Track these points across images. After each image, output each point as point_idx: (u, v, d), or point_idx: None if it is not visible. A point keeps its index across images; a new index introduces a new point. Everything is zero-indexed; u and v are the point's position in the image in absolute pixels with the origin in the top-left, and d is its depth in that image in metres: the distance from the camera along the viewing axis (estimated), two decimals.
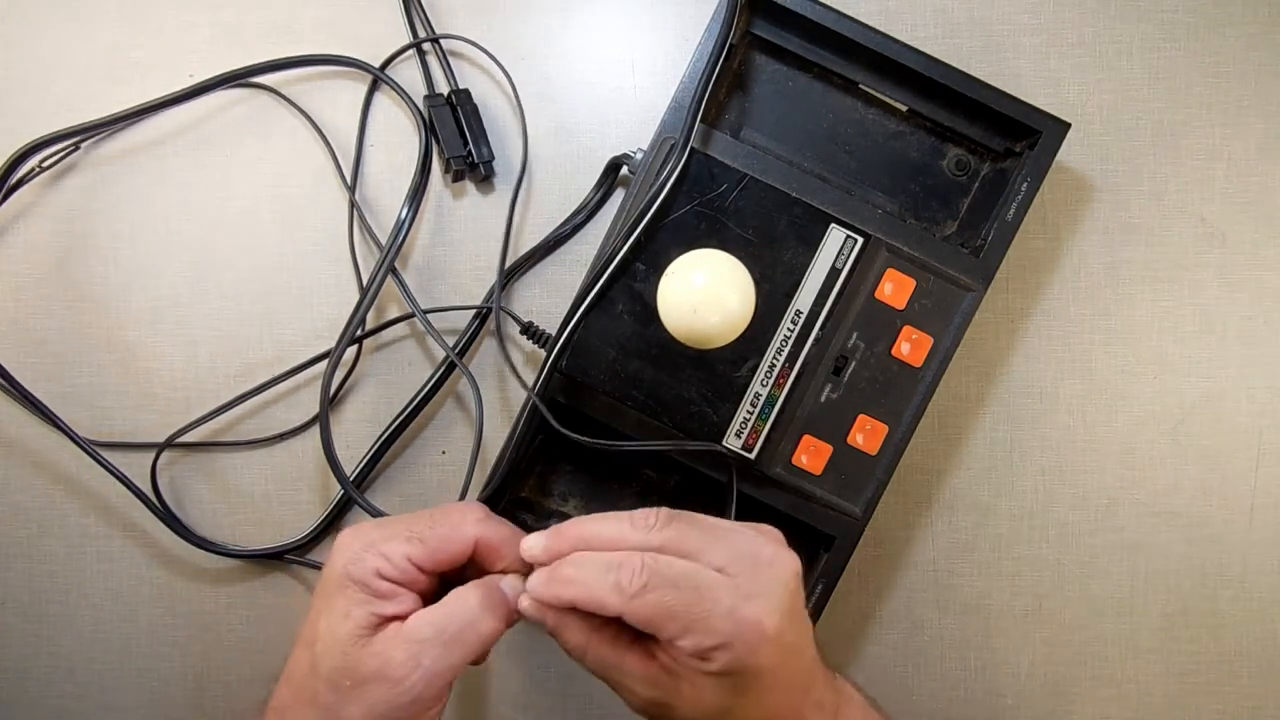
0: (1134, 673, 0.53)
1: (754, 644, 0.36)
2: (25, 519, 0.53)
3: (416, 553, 0.39)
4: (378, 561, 0.38)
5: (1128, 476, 0.53)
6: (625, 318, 0.47)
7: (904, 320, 0.47)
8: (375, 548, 0.39)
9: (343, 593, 0.38)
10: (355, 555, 0.39)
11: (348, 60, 0.52)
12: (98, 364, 0.53)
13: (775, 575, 0.38)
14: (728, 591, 0.36)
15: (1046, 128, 0.47)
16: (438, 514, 0.41)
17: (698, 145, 0.46)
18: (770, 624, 0.36)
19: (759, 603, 0.36)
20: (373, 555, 0.39)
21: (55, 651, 0.53)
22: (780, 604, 0.37)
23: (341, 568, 0.39)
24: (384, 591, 0.38)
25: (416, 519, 0.40)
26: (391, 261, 0.50)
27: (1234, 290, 0.52)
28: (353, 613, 0.38)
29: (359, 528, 0.40)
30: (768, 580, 0.37)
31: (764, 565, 0.38)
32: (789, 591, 0.38)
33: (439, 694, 0.39)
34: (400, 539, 0.39)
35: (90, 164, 0.53)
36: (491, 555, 0.41)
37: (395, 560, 0.39)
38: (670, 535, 0.38)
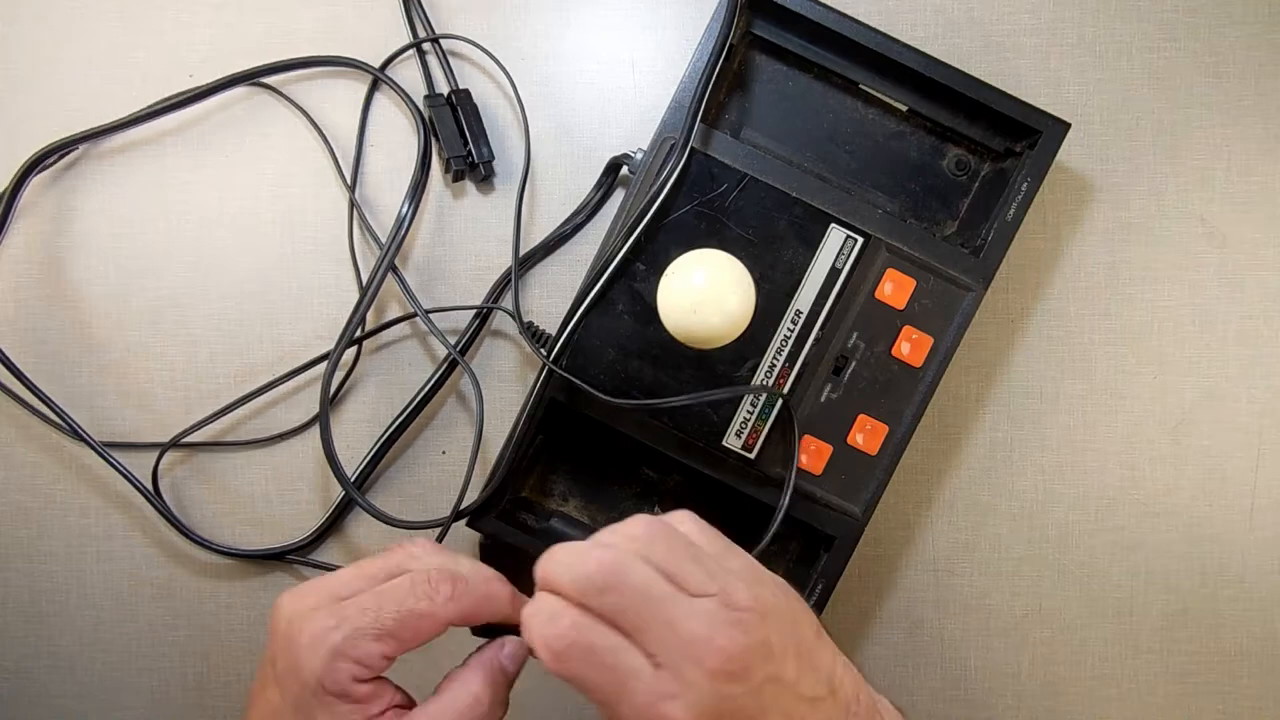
0: (1134, 673, 0.53)
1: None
2: (25, 519, 0.53)
3: (390, 648, 0.36)
4: (353, 668, 0.35)
5: (1128, 476, 0.53)
6: (625, 318, 0.47)
7: (904, 320, 0.47)
8: (346, 653, 0.35)
9: (326, 709, 0.35)
10: (326, 667, 0.35)
11: (348, 61, 0.52)
12: (98, 364, 0.53)
13: (704, 672, 0.33)
14: (647, 684, 0.33)
15: (1046, 128, 0.47)
16: (398, 593, 0.37)
17: (698, 145, 0.46)
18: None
19: (676, 703, 0.33)
20: (345, 664, 0.35)
21: (55, 651, 0.53)
22: (701, 705, 0.33)
23: (314, 682, 0.35)
24: (366, 695, 0.36)
25: (378, 598, 0.36)
26: (392, 259, 0.50)
27: (1234, 290, 0.52)
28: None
29: (310, 620, 0.36)
30: (695, 678, 0.33)
31: (696, 656, 0.33)
32: (716, 693, 0.33)
33: None
34: (369, 638, 0.35)
35: (90, 164, 0.53)
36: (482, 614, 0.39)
37: (371, 662, 0.35)
38: (611, 603, 0.34)
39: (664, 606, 0.33)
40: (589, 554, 0.34)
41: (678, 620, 0.33)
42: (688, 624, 0.33)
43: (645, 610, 0.33)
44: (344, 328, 0.49)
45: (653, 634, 0.33)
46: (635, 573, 0.34)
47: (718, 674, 0.33)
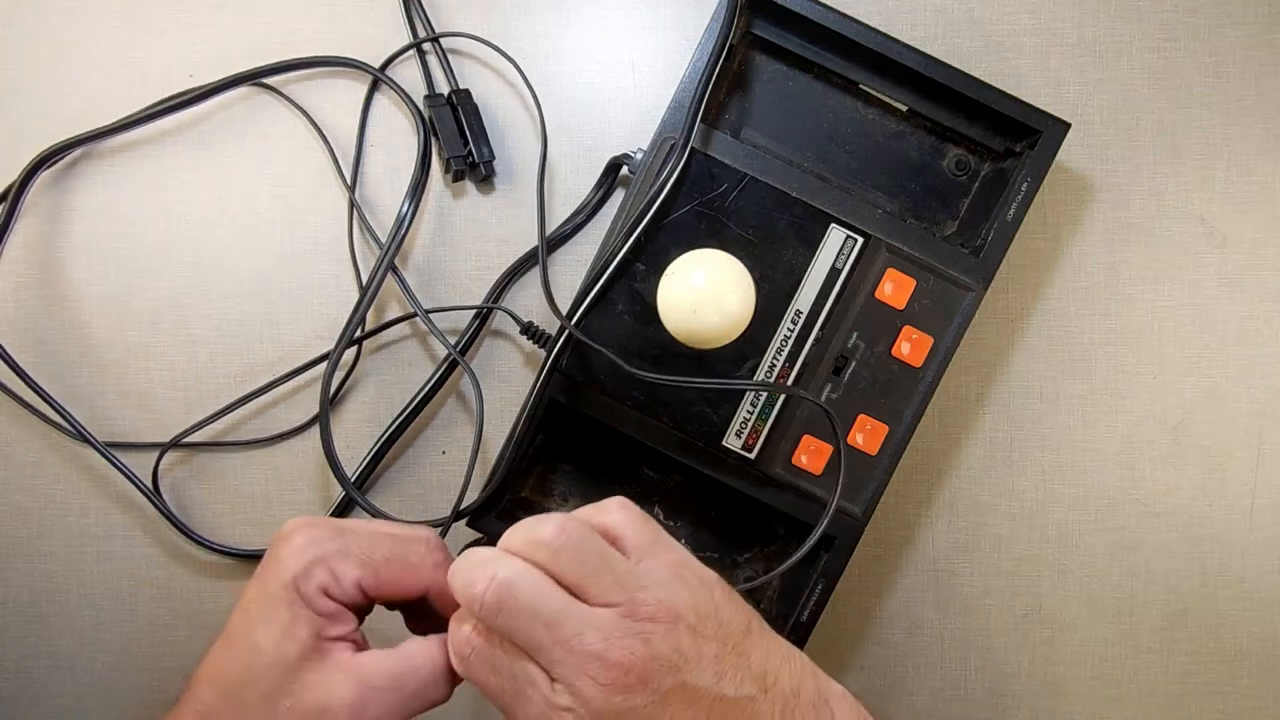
0: (1134, 673, 0.53)
1: None
2: (25, 519, 0.53)
3: (368, 580, 0.37)
4: (327, 579, 0.36)
5: (1128, 476, 0.53)
6: (625, 318, 0.47)
7: (904, 320, 0.47)
8: (327, 563, 0.36)
9: (288, 606, 0.36)
10: (305, 567, 0.36)
11: (348, 61, 0.52)
12: (98, 364, 0.53)
13: (599, 686, 0.33)
14: (543, 695, 0.34)
15: (1046, 128, 0.47)
16: (399, 542, 0.38)
17: (698, 145, 0.46)
18: None
19: (567, 718, 0.33)
20: (322, 570, 0.36)
21: (55, 651, 0.53)
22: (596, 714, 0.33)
23: (288, 576, 0.36)
24: (329, 611, 0.36)
25: (376, 539, 0.38)
26: (392, 259, 0.50)
27: (1234, 290, 0.52)
28: (297, 632, 0.36)
29: (311, 529, 0.37)
30: (590, 692, 0.33)
31: (591, 674, 0.33)
32: (613, 703, 0.33)
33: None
34: (354, 560, 0.37)
35: (90, 164, 0.53)
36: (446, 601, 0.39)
37: (345, 582, 0.36)
38: (503, 624, 0.34)
39: (558, 624, 0.33)
40: (478, 572, 0.34)
41: (571, 637, 0.33)
42: (582, 639, 0.33)
43: (537, 629, 0.34)
44: (344, 328, 0.49)
45: (546, 652, 0.34)
46: (525, 593, 0.34)
47: (613, 687, 0.33)
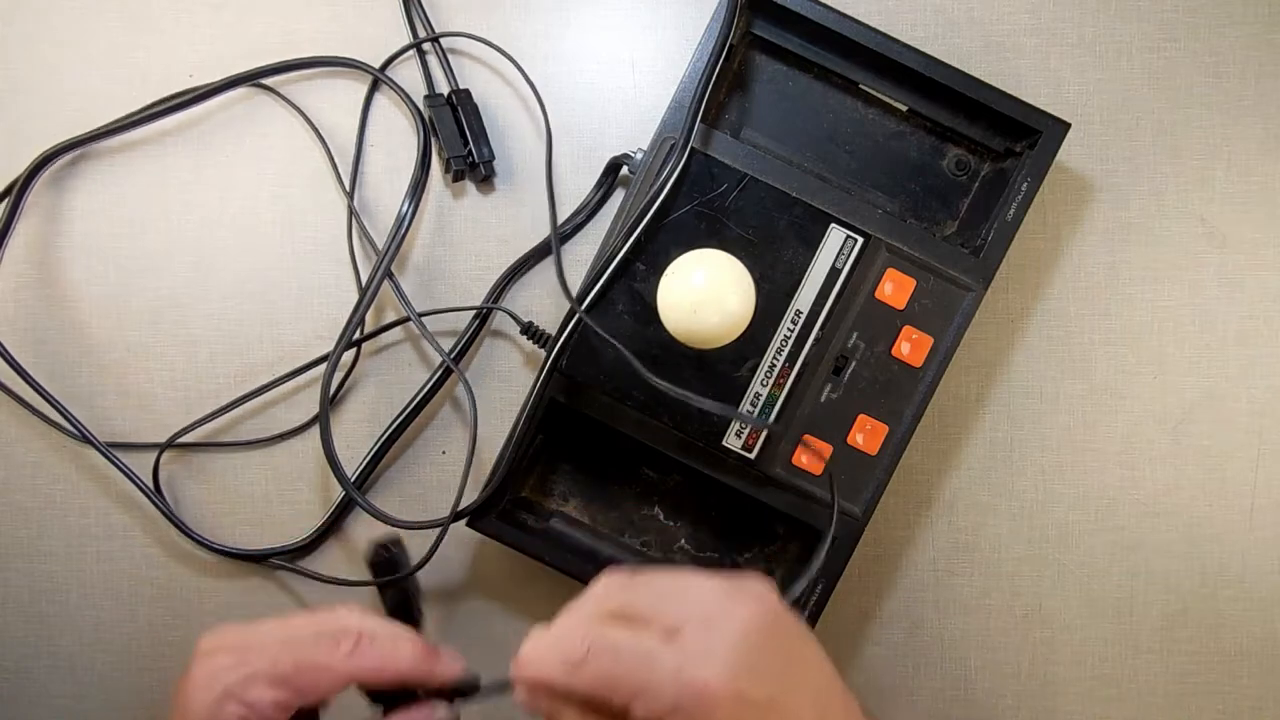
0: (1134, 673, 0.53)
1: (705, 707, 0.33)
2: (25, 519, 0.53)
3: (285, 697, 0.35)
4: (241, 711, 0.34)
5: (1128, 476, 0.53)
6: (625, 318, 0.47)
7: (904, 320, 0.47)
8: (235, 696, 0.34)
9: None
10: (214, 708, 0.34)
11: (348, 61, 0.52)
12: (98, 364, 0.53)
13: (729, 631, 0.34)
14: (673, 654, 0.34)
15: (1046, 128, 0.47)
16: (304, 647, 0.36)
17: (698, 145, 0.46)
18: (719, 684, 0.33)
19: (706, 663, 0.33)
20: (233, 705, 0.34)
21: (55, 651, 0.53)
22: (733, 662, 0.33)
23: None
24: None
25: (280, 649, 0.36)
26: (391, 260, 0.50)
27: (1234, 290, 0.52)
28: None
29: (212, 661, 0.35)
30: (719, 638, 0.34)
31: (716, 622, 0.34)
32: (747, 648, 0.34)
33: None
34: (263, 680, 0.35)
35: (90, 164, 0.53)
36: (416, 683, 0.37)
37: (261, 708, 0.34)
38: (621, 602, 0.35)
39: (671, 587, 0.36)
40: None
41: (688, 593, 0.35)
42: (697, 594, 0.35)
43: (656, 596, 0.35)
44: (343, 330, 0.49)
45: (668, 611, 0.35)
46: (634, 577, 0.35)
47: (735, 632, 0.34)
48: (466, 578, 0.53)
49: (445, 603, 0.53)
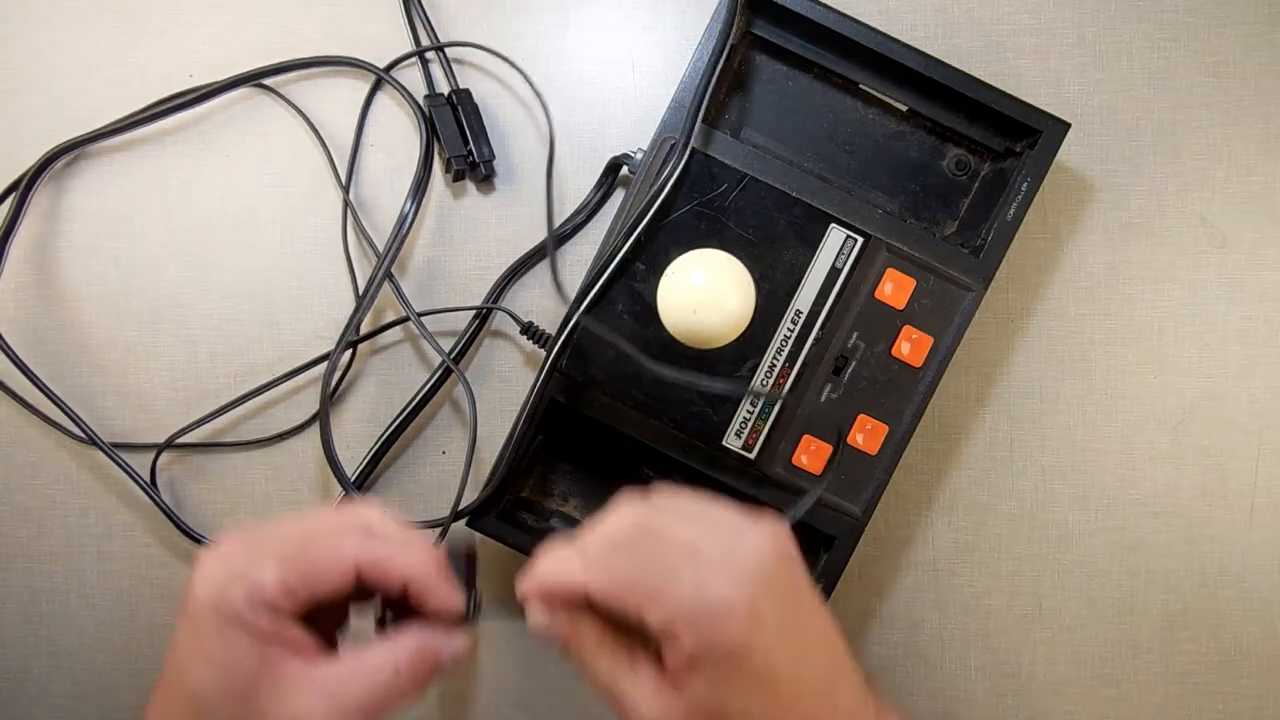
0: (1134, 673, 0.53)
1: (720, 620, 0.33)
2: (25, 519, 0.53)
3: (291, 578, 0.34)
4: (247, 590, 0.33)
5: (1128, 476, 0.53)
6: (625, 318, 0.47)
7: (904, 320, 0.47)
8: (242, 576, 0.33)
9: (219, 636, 0.33)
10: (220, 587, 0.33)
11: (351, 60, 0.52)
12: (98, 364, 0.53)
13: (749, 552, 0.34)
14: (693, 565, 0.33)
15: (1046, 128, 0.47)
16: (311, 535, 0.35)
17: (698, 145, 0.46)
18: (737, 598, 0.33)
19: (724, 577, 0.33)
20: (239, 584, 0.33)
21: (55, 651, 0.53)
22: (751, 580, 0.33)
23: (207, 602, 0.33)
24: (264, 630, 0.33)
25: (288, 536, 0.35)
26: (392, 261, 0.50)
27: (1234, 290, 0.52)
28: (238, 660, 0.33)
29: (219, 548, 0.35)
30: (740, 557, 0.34)
31: (738, 542, 0.34)
32: (765, 571, 0.34)
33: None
34: (269, 561, 0.34)
35: (90, 164, 0.53)
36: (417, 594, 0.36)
37: (268, 590, 0.33)
38: (639, 516, 0.35)
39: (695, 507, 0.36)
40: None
41: (711, 514, 0.35)
42: (720, 517, 0.35)
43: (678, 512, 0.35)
44: (343, 330, 0.50)
45: (688, 526, 0.34)
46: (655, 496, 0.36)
47: (755, 553, 0.34)
48: None
49: None
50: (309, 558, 0.34)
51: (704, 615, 0.33)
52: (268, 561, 0.34)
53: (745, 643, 0.33)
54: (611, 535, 0.35)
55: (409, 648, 0.36)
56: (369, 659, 0.35)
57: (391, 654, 0.35)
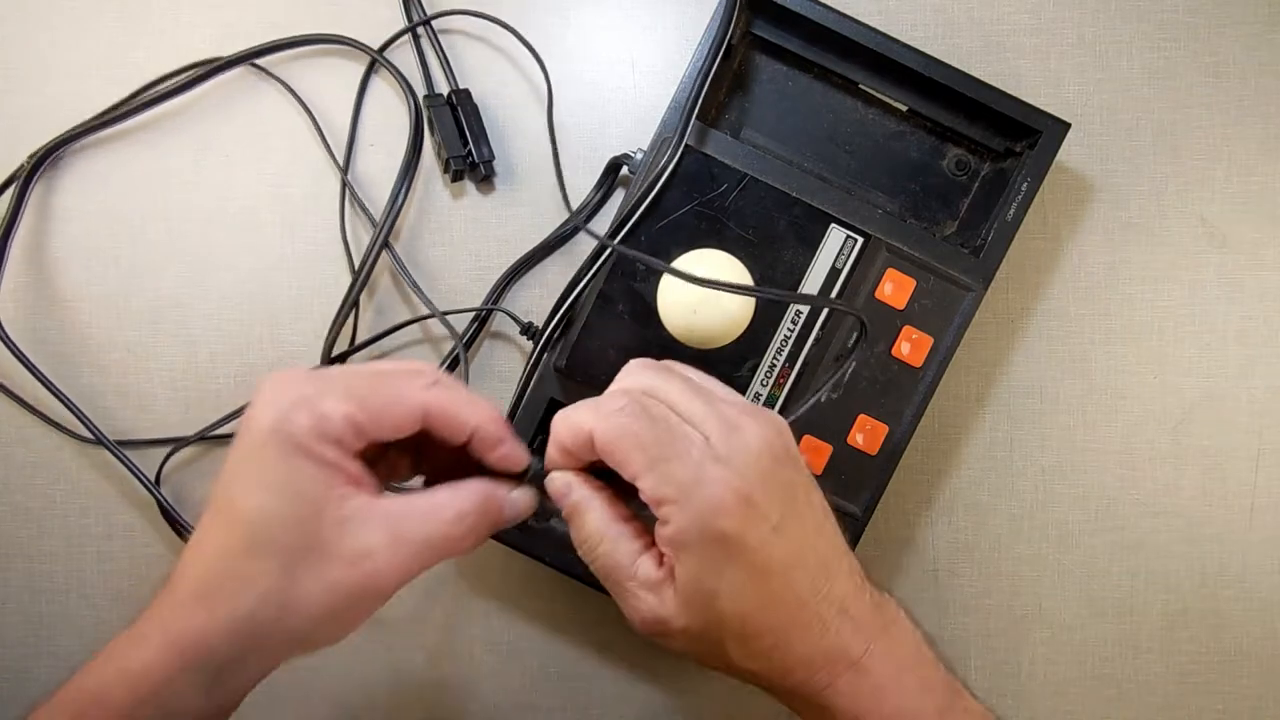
0: (1134, 673, 0.53)
1: (714, 505, 0.33)
2: (25, 519, 0.53)
3: (357, 414, 0.33)
4: (314, 421, 0.32)
5: (1128, 476, 0.53)
6: (625, 318, 0.47)
7: (904, 320, 0.47)
8: (308, 404, 0.32)
9: (284, 461, 0.32)
10: (285, 412, 0.32)
11: (344, 40, 0.52)
12: (98, 364, 0.53)
13: (749, 442, 0.34)
14: (699, 448, 0.33)
15: (1046, 128, 0.47)
16: (379, 375, 0.35)
17: (699, 146, 0.46)
18: (731, 483, 0.33)
19: (725, 466, 0.33)
20: (306, 413, 0.32)
21: (55, 651, 0.53)
22: (748, 471, 0.33)
23: (271, 426, 0.32)
24: (331, 460, 0.32)
25: (356, 374, 0.34)
26: (387, 233, 0.50)
27: (1234, 290, 0.52)
28: (303, 487, 0.32)
29: (285, 376, 0.33)
30: (739, 444, 0.34)
31: (739, 430, 0.34)
32: (763, 463, 0.34)
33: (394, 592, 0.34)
34: (337, 397, 0.32)
35: (90, 164, 0.53)
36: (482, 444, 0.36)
37: (334, 421, 0.32)
38: (658, 381, 0.36)
39: (710, 392, 0.36)
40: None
41: (722, 403, 0.35)
42: (728, 407, 0.35)
43: (694, 393, 0.35)
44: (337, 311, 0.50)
45: (698, 409, 0.35)
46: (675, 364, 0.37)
47: (753, 449, 0.34)
48: (466, 578, 0.53)
49: (445, 603, 0.53)
50: (378, 396, 0.33)
51: (696, 501, 0.33)
52: (336, 394, 0.33)
53: (738, 532, 0.33)
54: (624, 390, 0.36)
55: (474, 492, 0.35)
56: (434, 498, 0.34)
57: (455, 497, 0.35)
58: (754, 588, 0.33)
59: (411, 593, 0.53)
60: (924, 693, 0.35)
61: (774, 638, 0.34)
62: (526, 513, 0.37)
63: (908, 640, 0.36)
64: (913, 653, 0.36)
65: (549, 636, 0.53)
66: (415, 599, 0.53)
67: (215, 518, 0.33)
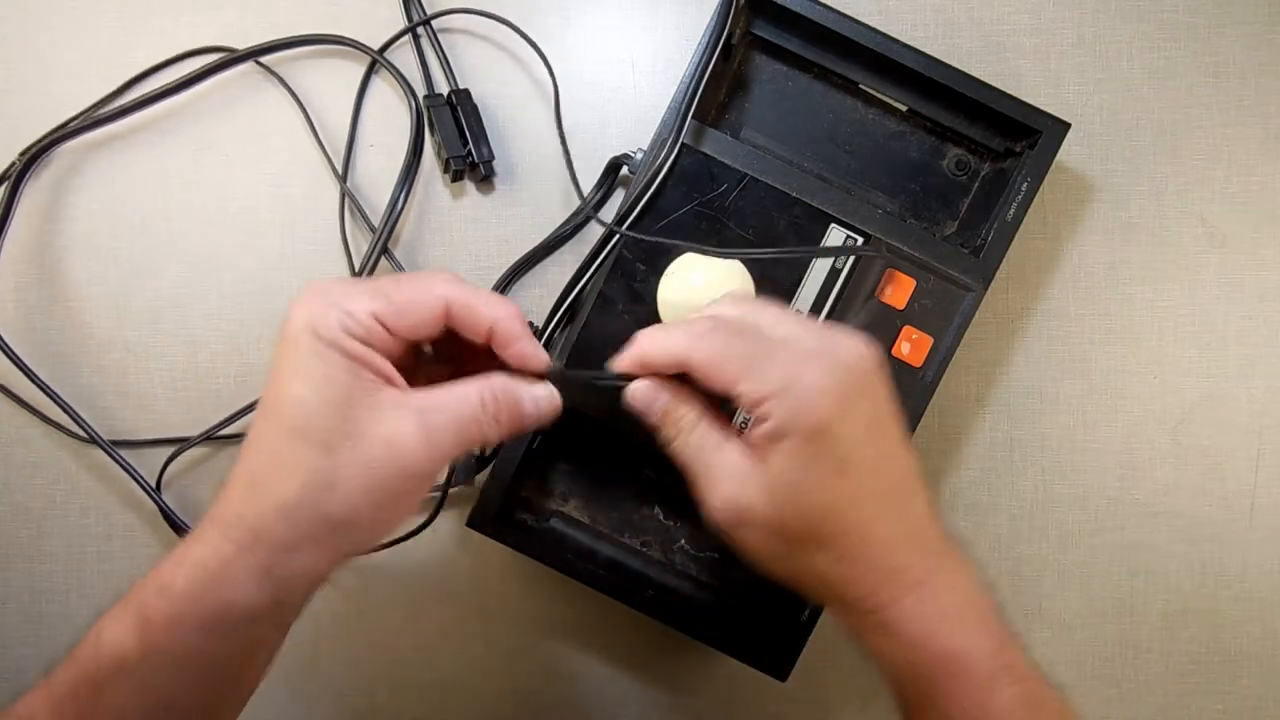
0: (1134, 673, 0.53)
1: (811, 399, 0.34)
2: (25, 519, 0.53)
3: (383, 309, 0.35)
4: (341, 317, 0.35)
5: (1128, 476, 0.53)
6: (625, 318, 0.47)
7: (904, 320, 0.47)
8: (338, 305, 0.35)
9: (317, 356, 0.34)
10: (316, 312, 0.35)
11: (344, 40, 0.52)
12: (98, 364, 0.53)
13: (846, 352, 0.36)
14: (789, 350, 0.35)
15: (1046, 128, 0.47)
16: (403, 275, 0.38)
17: (698, 145, 0.46)
18: (830, 384, 0.34)
19: (819, 361, 0.35)
20: (336, 312, 0.35)
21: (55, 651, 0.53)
22: (845, 374, 0.35)
23: (305, 326, 0.35)
24: (359, 354, 0.35)
25: (380, 279, 0.37)
26: (387, 236, 0.50)
27: (1234, 290, 0.52)
28: (336, 376, 0.34)
29: (318, 283, 0.36)
30: (837, 353, 0.35)
31: (836, 343, 0.36)
32: (859, 372, 0.35)
33: (433, 477, 0.36)
34: (364, 295, 0.35)
35: (90, 164, 0.53)
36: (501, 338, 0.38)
37: (361, 318, 0.35)
38: (746, 309, 0.38)
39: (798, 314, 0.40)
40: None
41: (810, 321, 0.38)
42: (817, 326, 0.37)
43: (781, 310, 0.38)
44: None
45: (789, 321, 0.37)
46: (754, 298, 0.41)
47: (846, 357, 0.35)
48: (466, 578, 0.53)
49: (445, 602, 0.53)
50: (402, 294, 0.36)
51: (795, 392, 0.34)
52: (363, 295, 0.35)
53: (830, 426, 0.34)
54: (717, 317, 0.37)
55: (495, 383, 0.37)
56: (458, 388, 0.36)
57: (478, 384, 0.37)
58: (840, 484, 0.35)
59: (412, 593, 0.53)
60: (983, 630, 0.36)
61: (850, 541, 0.35)
62: (548, 410, 0.39)
63: (972, 578, 0.37)
64: (976, 591, 0.37)
65: (549, 636, 0.53)
66: (415, 599, 0.53)
67: (262, 414, 0.36)
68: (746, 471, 0.36)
